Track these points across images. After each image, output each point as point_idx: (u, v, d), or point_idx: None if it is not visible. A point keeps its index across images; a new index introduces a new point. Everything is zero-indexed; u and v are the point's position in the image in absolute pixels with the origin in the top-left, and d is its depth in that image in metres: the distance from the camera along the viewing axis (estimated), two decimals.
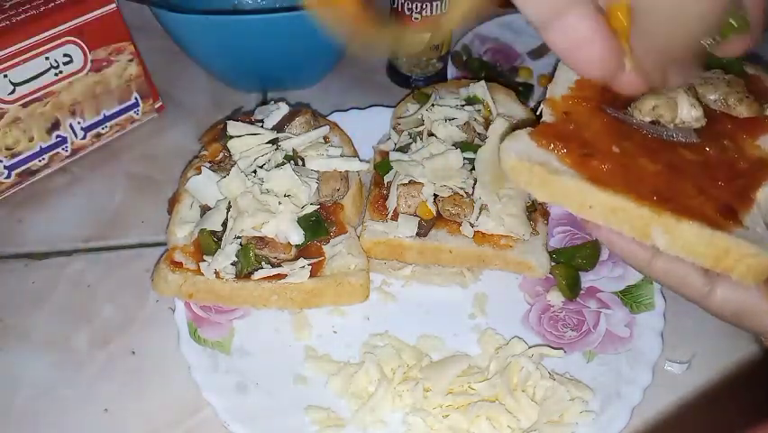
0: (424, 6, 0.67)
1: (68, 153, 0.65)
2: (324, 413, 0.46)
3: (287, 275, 0.48)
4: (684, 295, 0.40)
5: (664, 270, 0.38)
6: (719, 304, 0.38)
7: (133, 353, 0.51)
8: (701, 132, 0.39)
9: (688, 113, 0.38)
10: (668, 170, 0.37)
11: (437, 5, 0.67)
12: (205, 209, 0.53)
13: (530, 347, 0.49)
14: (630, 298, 0.53)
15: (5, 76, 0.56)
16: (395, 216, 0.53)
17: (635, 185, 0.36)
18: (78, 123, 0.64)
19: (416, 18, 0.68)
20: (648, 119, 0.39)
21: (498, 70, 0.75)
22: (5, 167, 0.60)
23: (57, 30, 0.58)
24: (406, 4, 0.67)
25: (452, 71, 0.73)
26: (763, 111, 0.40)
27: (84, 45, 0.60)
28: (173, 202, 0.55)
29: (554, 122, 0.39)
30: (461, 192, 0.53)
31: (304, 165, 0.55)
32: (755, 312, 0.38)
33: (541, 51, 0.79)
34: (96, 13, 0.60)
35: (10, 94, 0.57)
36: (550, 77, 0.76)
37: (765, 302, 0.38)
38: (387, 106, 0.66)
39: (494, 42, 0.78)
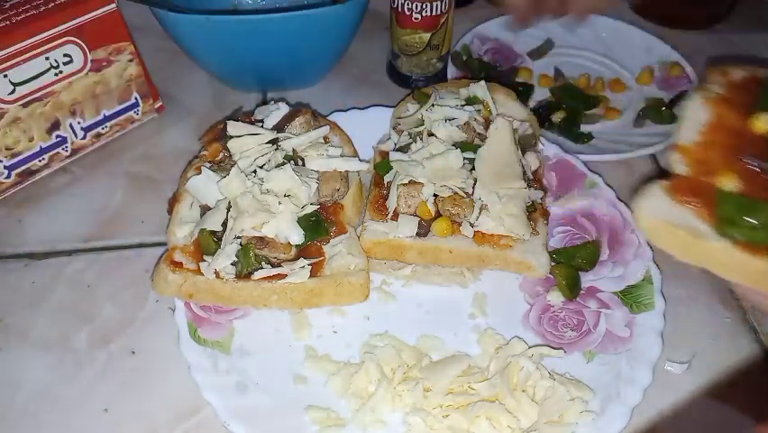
0: (424, 6, 0.67)
1: (68, 153, 0.65)
2: (324, 413, 0.46)
3: (287, 275, 0.48)
4: None
5: None
6: None
7: (133, 353, 0.51)
8: None
9: None
10: None
11: (437, 6, 0.67)
12: (205, 209, 0.53)
13: (530, 347, 0.49)
14: (630, 298, 0.53)
15: (5, 76, 0.56)
16: (395, 217, 0.53)
17: None
18: (78, 123, 0.64)
19: (417, 18, 0.68)
20: None
21: (499, 71, 0.75)
22: (5, 167, 0.61)
23: (57, 30, 0.58)
24: (406, 4, 0.67)
25: (452, 71, 0.74)
26: None
27: (84, 45, 0.60)
28: (173, 202, 0.55)
29: (689, 174, 0.36)
30: (461, 192, 0.53)
31: (304, 165, 0.55)
32: None
33: (541, 51, 0.80)
34: (95, 13, 0.60)
35: (10, 94, 0.57)
36: (550, 77, 0.77)
37: None
38: (387, 106, 0.66)
39: (494, 42, 0.78)
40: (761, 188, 0.35)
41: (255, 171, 0.52)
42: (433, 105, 0.59)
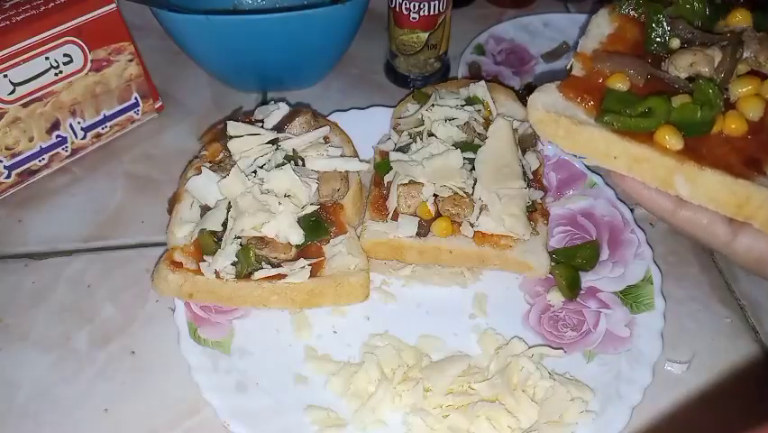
0: (422, 6, 0.67)
1: (68, 153, 0.65)
2: (324, 413, 0.46)
3: (287, 275, 0.48)
4: (708, 243, 0.40)
5: (688, 218, 0.39)
6: (742, 252, 0.39)
7: (133, 353, 0.51)
8: None
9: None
10: None
11: (435, 5, 0.67)
12: (205, 209, 0.53)
13: (530, 347, 0.49)
14: (630, 298, 0.53)
15: (5, 76, 0.56)
16: (395, 217, 0.53)
17: None
18: (78, 123, 0.64)
19: (414, 18, 0.68)
20: (684, 75, 0.39)
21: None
22: (5, 167, 0.61)
23: (57, 30, 0.58)
24: (403, 4, 0.67)
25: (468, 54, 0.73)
26: None
27: (84, 45, 0.60)
28: (173, 202, 0.55)
29: (583, 75, 0.40)
30: (461, 192, 0.53)
31: (304, 165, 0.55)
32: None
33: (556, 54, 0.79)
34: (95, 13, 0.60)
35: (10, 94, 0.57)
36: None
37: None
38: (387, 106, 0.66)
39: (509, 43, 0.78)
40: (640, 91, 0.39)
41: (255, 172, 0.52)
42: (433, 105, 0.59)
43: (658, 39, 0.41)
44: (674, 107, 0.37)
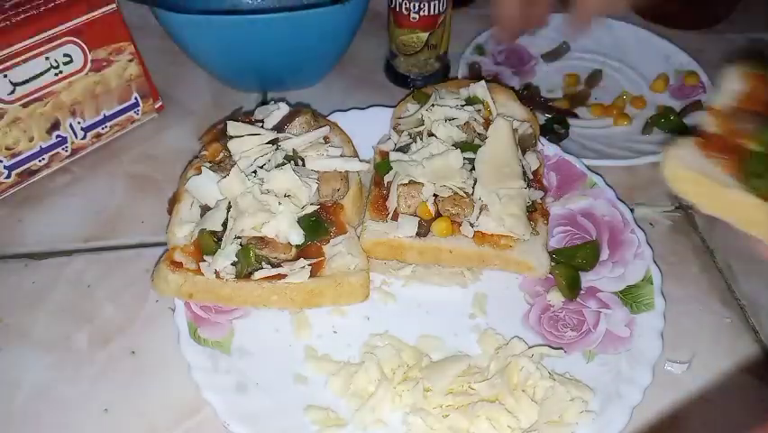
0: (422, 6, 0.67)
1: (68, 153, 0.65)
2: (323, 413, 0.46)
3: (286, 275, 0.49)
4: None
5: None
6: None
7: (133, 353, 0.51)
8: None
9: None
10: None
11: (435, 5, 0.67)
12: (205, 209, 0.53)
13: (530, 347, 0.49)
14: (630, 298, 0.53)
15: (5, 76, 0.57)
16: (395, 217, 0.54)
17: None
18: (78, 123, 0.64)
19: (414, 18, 0.68)
20: None
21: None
22: (5, 167, 0.61)
23: (57, 30, 0.58)
24: (403, 4, 0.67)
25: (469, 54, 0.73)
26: None
27: (84, 45, 0.60)
28: (173, 202, 0.55)
29: (720, 133, 0.38)
30: (461, 192, 0.53)
31: (304, 165, 0.55)
32: None
33: (556, 54, 0.79)
34: (95, 13, 0.60)
35: (10, 94, 0.58)
36: (604, 106, 0.74)
37: None
38: (387, 106, 0.66)
39: (509, 44, 0.78)
40: None
41: (255, 172, 0.52)
42: (433, 105, 0.59)
43: None
44: None
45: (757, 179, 0.35)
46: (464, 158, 0.54)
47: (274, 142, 0.55)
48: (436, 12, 0.68)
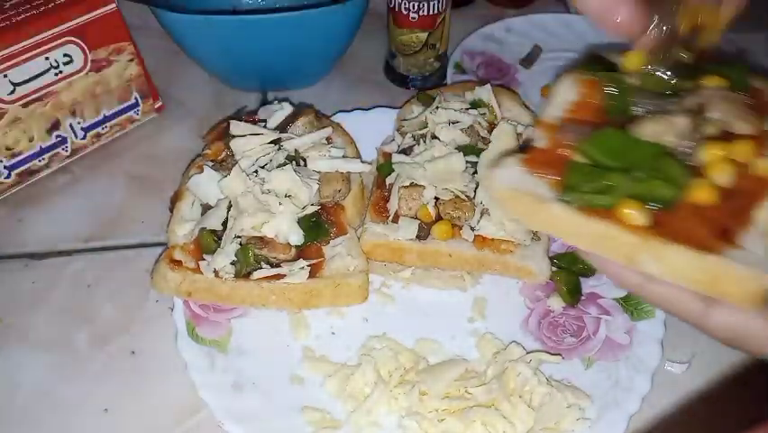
0: (421, 6, 0.67)
1: (68, 153, 0.66)
2: (319, 414, 0.47)
3: (285, 275, 0.49)
4: (681, 318, 0.39)
5: (658, 294, 0.37)
6: (717, 328, 0.37)
7: (133, 353, 0.52)
8: None
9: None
10: None
11: (434, 5, 0.67)
12: (206, 208, 0.54)
13: (528, 353, 0.50)
14: (631, 304, 0.54)
15: (5, 76, 0.57)
16: (396, 219, 0.54)
17: None
18: (78, 123, 0.65)
19: (414, 18, 0.68)
20: None
21: None
22: (5, 167, 0.62)
23: (57, 30, 0.59)
24: (403, 4, 0.67)
25: (451, 75, 0.73)
26: (763, 127, 0.38)
27: (84, 45, 0.61)
28: (175, 200, 0.56)
29: (546, 147, 0.38)
30: (463, 196, 0.53)
31: (306, 166, 0.56)
32: (755, 336, 0.37)
33: (531, 59, 0.79)
34: (95, 13, 0.61)
35: (10, 94, 0.58)
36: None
37: (762, 324, 0.36)
38: (391, 108, 0.67)
39: (482, 56, 0.78)
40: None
41: (257, 171, 0.53)
42: (437, 107, 0.60)
43: (618, 109, 0.39)
44: (638, 182, 0.35)
45: (571, 192, 0.35)
46: (467, 161, 0.54)
47: (276, 141, 0.56)
48: (435, 11, 0.68)
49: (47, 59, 0.59)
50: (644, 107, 0.39)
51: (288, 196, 0.52)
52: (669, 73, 0.39)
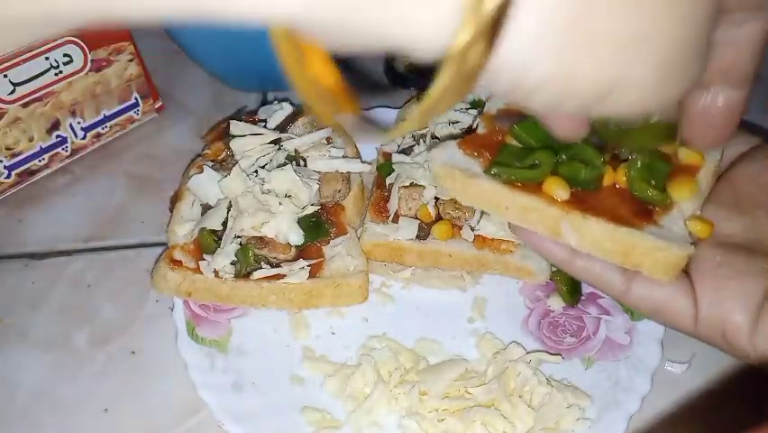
0: None
1: (68, 153, 0.66)
2: (319, 414, 0.47)
3: (285, 275, 0.49)
4: (605, 292, 0.42)
5: (583, 267, 0.40)
6: (637, 301, 0.40)
7: (133, 353, 0.52)
8: None
9: None
10: None
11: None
12: (206, 208, 0.54)
13: (528, 352, 0.50)
14: None
15: (5, 76, 0.58)
16: (395, 219, 0.54)
17: None
18: (78, 123, 0.65)
19: None
20: None
21: None
22: (5, 167, 0.62)
23: None
24: None
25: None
26: None
27: (84, 45, 0.61)
28: (175, 200, 0.56)
29: (484, 133, 0.43)
30: None
31: (306, 166, 0.56)
32: (669, 310, 0.39)
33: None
34: None
35: (10, 94, 0.59)
36: None
37: (679, 300, 0.38)
38: (391, 108, 0.67)
39: None
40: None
41: (257, 171, 0.53)
42: None
43: None
44: (562, 162, 0.39)
45: (499, 166, 0.40)
46: None
47: (276, 141, 0.56)
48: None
49: (47, 58, 0.59)
50: None
51: (288, 196, 0.52)
52: None
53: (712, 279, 0.38)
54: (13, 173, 0.63)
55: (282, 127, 0.59)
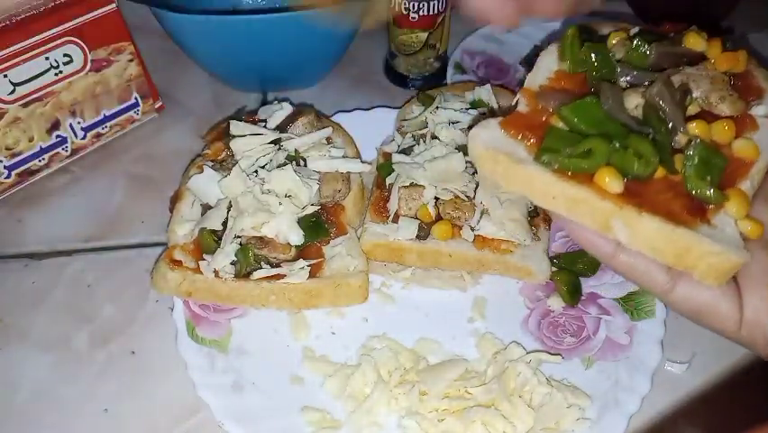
0: (421, 6, 0.67)
1: (68, 153, 0.66)
2: (319, 415, 0.48)
3: (285, 275, 0.50)
4: (647, 289, 0.40)
5: (627, 264, 0.38)
6: (680, 302, 0.39)
7: (133, 353, 0.53)
8: None
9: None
10: None
11: (434, 5, 0.67)
12: (206, 208, 0.54)
13: (528, 352, 0.50)
14: (631, 304, 0.54)
15: (5, 76, 0.58)
16: (396, 219, 0.54)
17: None
18: (78, 123, 0.65)
19: (414, 18, 0.68)
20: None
21: None
22: (5, 167, 0.62)
23: (57, 30, 0.59)
24: (403, 4, 0.67)
25: (451, 75, 0.73)
26: (747, 109, 0.39)
27: (84, 45, 0.62)
28: (175, 200, 0.56)
29: (527, 112, 0.39)
30: (463, 196, 0.53)
31: (306, 166, 0.56)
32: (713, 313, 0.38)
33: (531, 59, 0.79)
34: (95, 13, 0.61)
35: (10, 94, 0.59)
36: None
37: (723, 304, 0.38)
38: (391, 108, 0.67)
39: (482, 56, 0.78)
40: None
41: (257, 171, 0.53)
42: (437, 107, 0.60)
43: (601, 80, 0.40)
44: (615, 152, 0.36)
45: (549, 153, 0.36)
46: (467, 161, 0.54)
47: (276, 141, 0.56)
48: (435, 11, 0.68)
49: (47, 59, 0.60)
50: (626, 80, 0.40)
51: (288, 196, 0.53)
52: (652, 49, 0.40)
53: (760, 285, 0.37)
54: (13, 173, 0.63)
55: (282, 127, 0.59)
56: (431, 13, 0.68)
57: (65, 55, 0.61)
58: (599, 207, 0.35)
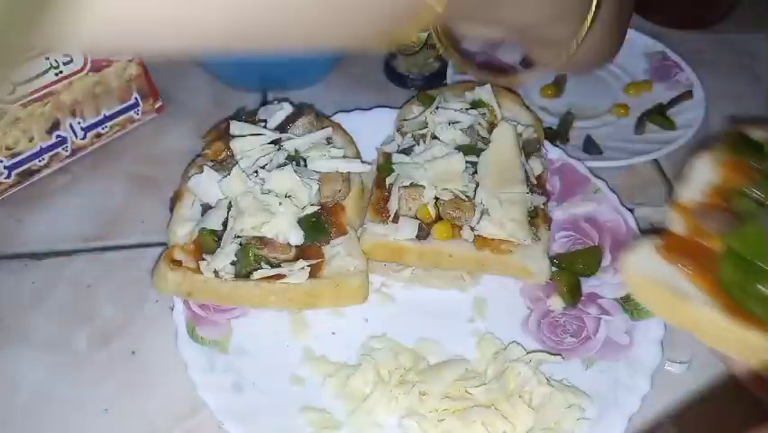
0: None
1: (68, 153, 0.66)
2: (319, 415, 0.48)
3: (285, 276, 0.50)
4: None
5: None
6: None
7: (133, 353, 0.53)
8: None
9: None
10: None
11: None
12: (206, 208, 0.54)
13: (528, 353, 0.50)
14: (631, 304, 0.54)
15: None
16: (395, 219, 0.54)
17: None
18: (78, 123, 0.65)
19: None
20: None
21: None
22: (5, 167, 0.62)
23: None
24: None
25: (451, 75, 0.73)
26: None
27: None
28: (175, 200, 0.56)
29: (683, 233, 0.35)
30: (463, 196, 0.53)
31: (306, 166, 0.56)
32: None
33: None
34: None
35: (10, 94, 0.58)
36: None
37: None
38: (391, 108, 0.67)
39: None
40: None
41: (257, 171, 0.53)
42: (437, 107, 0.60)
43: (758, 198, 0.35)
44: None
45: (735, 290, 0.31)
46: (467, 161, 0.55)
47: (276, 142, 0.56)
48: None
49: (47, 58, 0.60)
50: None
51: (288, 196, 0.53)
52: None
53: None
54: (14, 173, 0.63)
55: (282, 127, 0.59)
56: None
57: (65, 55, 0.61)
58: None
